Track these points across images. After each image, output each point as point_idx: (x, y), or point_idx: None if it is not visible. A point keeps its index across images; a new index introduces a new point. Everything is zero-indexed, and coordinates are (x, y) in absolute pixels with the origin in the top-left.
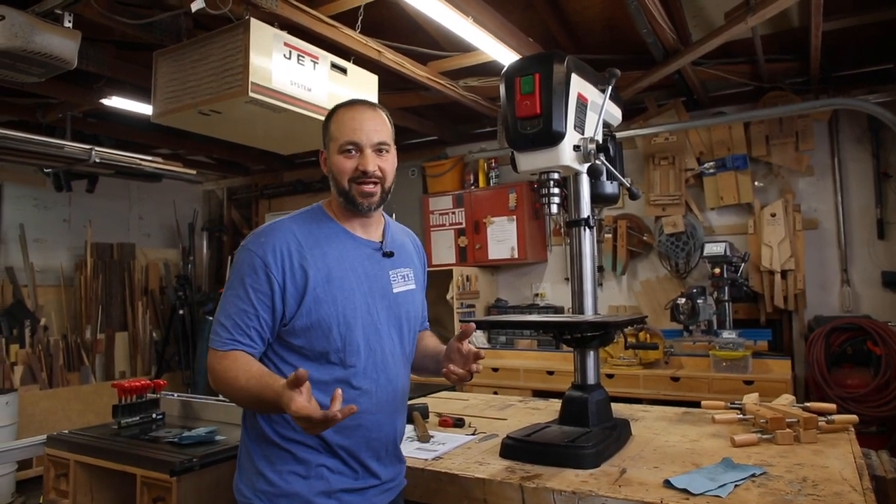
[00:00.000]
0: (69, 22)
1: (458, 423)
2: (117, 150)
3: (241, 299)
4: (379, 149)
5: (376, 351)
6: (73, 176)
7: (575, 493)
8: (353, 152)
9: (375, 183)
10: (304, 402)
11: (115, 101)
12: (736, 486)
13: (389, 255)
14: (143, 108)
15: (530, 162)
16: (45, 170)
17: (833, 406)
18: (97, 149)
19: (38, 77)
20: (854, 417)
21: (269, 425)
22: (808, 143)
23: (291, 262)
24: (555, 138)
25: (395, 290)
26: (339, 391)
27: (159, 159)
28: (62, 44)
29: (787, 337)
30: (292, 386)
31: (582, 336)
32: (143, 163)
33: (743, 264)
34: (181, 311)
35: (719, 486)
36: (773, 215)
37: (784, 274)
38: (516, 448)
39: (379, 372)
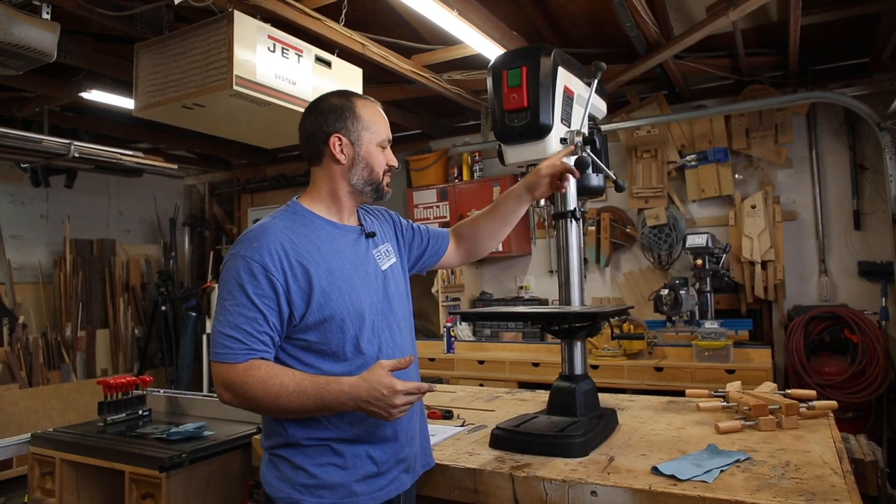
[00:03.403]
0: (47, 13)
1: (447, 414)
2: (96, 145)
3: (246, 307)
4: None
5: (385, 331)
6: (50, 171)
7: (565, 481)
8: (387, 147)
9: None
10: (401, 381)
11: (95, 95)
12: (721, 471)
13: (371, 235)
14: (123, 102)
15: (518, 155)
16: (22, 165)
17: (813, 393)
18: (76, 143)
19: (15, 70)
20: (834, 403)
21: (303, 430)
22: (787, 136)
23: (290, 262)
24: (542, 131)
25: (383, 268)
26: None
27: (140, 154)
28: (41, 36)
29: (767, 326)
30: (388, 369)
31: (570, 327)
32: (124, 157)
33: (724, 255)
34: (163, 308)
35: (705, 472)
36: (754, 207)
37: (764, 264)
38: (506, 438)
39: (396, 351)
